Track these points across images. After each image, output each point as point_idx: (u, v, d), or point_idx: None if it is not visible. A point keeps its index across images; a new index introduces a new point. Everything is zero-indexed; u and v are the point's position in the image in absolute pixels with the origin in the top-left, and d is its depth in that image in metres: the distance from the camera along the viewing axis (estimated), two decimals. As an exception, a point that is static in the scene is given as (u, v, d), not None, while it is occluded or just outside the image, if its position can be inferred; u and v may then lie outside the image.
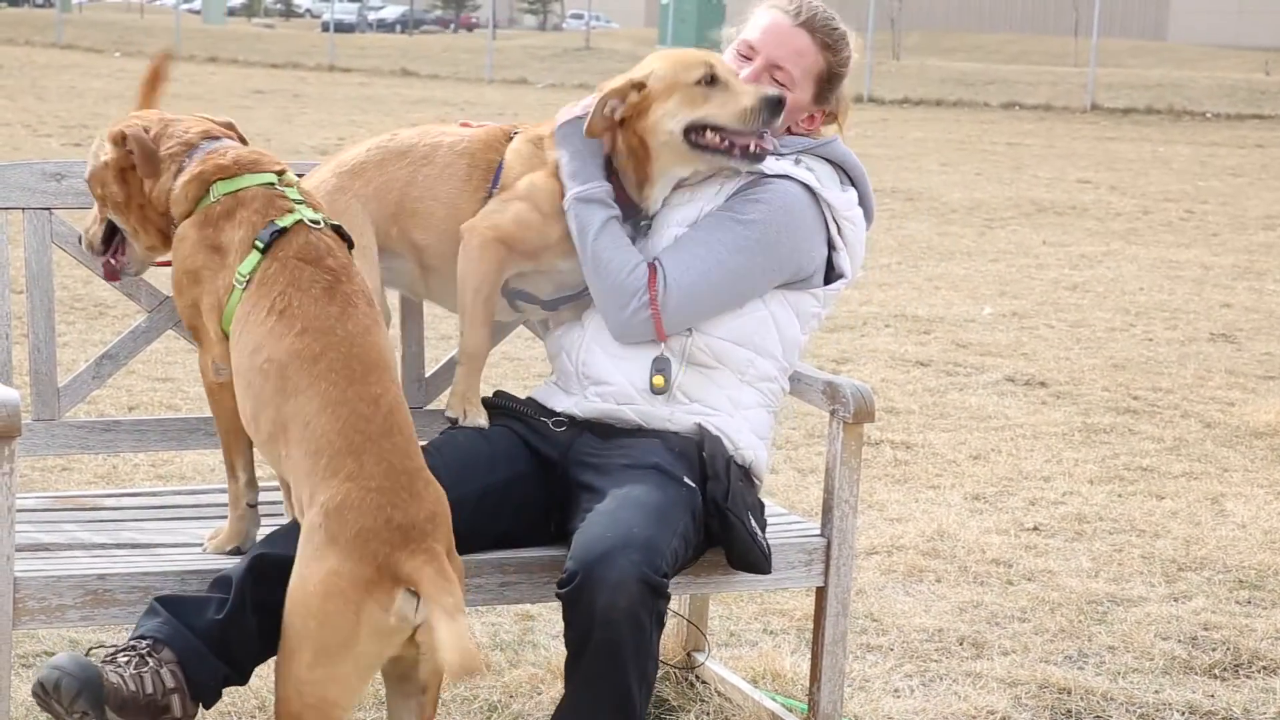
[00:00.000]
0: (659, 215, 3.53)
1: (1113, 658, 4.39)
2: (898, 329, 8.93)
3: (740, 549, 3.36)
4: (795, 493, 5.68)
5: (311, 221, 3.15)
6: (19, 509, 3.26)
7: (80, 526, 3.48)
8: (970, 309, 9.65)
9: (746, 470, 3.49)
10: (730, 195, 3.51)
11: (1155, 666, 4.34)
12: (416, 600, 2.86)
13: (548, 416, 3.52)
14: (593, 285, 3.45)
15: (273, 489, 3.45)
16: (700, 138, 3.43)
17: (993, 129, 24.33)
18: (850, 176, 3.63)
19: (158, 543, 3.39)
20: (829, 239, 3.56)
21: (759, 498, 3.53)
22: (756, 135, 3.42)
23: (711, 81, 3.42)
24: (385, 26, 64.69)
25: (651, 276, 3.41)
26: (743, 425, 3.49)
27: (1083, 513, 5.68)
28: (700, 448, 3.40)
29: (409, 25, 59.92)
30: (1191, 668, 4.35)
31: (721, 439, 3.44)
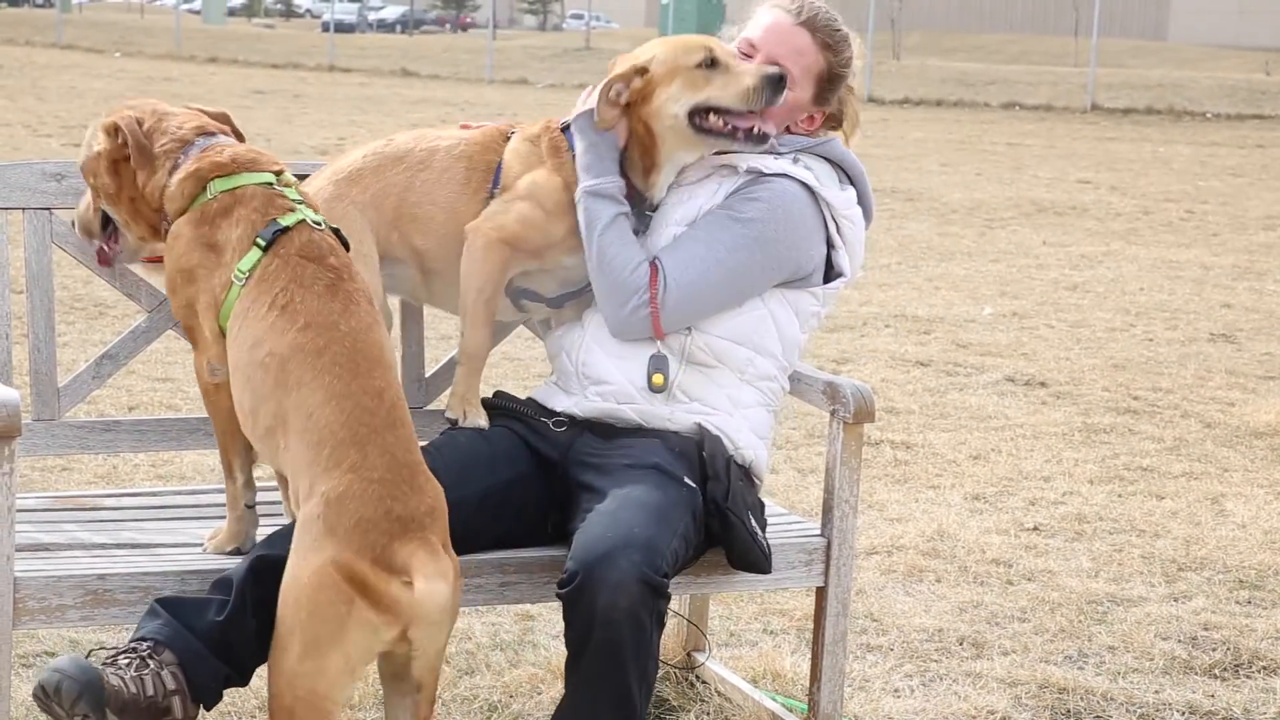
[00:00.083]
0: (657, 214, 3.53)
1: (1113, 658, 4.39)
2: (898, 329, 8.93)
3: (740, 549, 3.36)
4: (795, 493, 5.68)
5: (314, 222, 3.16)
6: (19, 509, 3.26)
7: (80, 526, 3.48)
8: (970, 309, 9.65)
9: (746, 470, 3.48)
10: (729, 194, 3.52)
11: (1155, 666, 4.34)
12: (410, 595, 2.87)
13: (548, 417, 3.52)
14: (595, 280, 3.46)
15: (271, 489, 3.45)
16: (704, 121, 3.44)
17: (993, 129, 24.33)
18: (849, 176, 3.63)
19: (158, 543, 3.39)
20: (828, 237, 3.56)
21: (759, 497, 3.53)
22: (759, 116, 3.43)
23: (712, 64, 3.44)
24: (385, 27, 64.70)
25: (653, 275, 3.41)
26: (742, 425, 3.49)
27: (1083, 513, 5.67)
28: (700, 447, 3.40)
29: (409, 25, 59.95)
30: (1191, 668, 4.35)
31: (721, 439, 3.44)
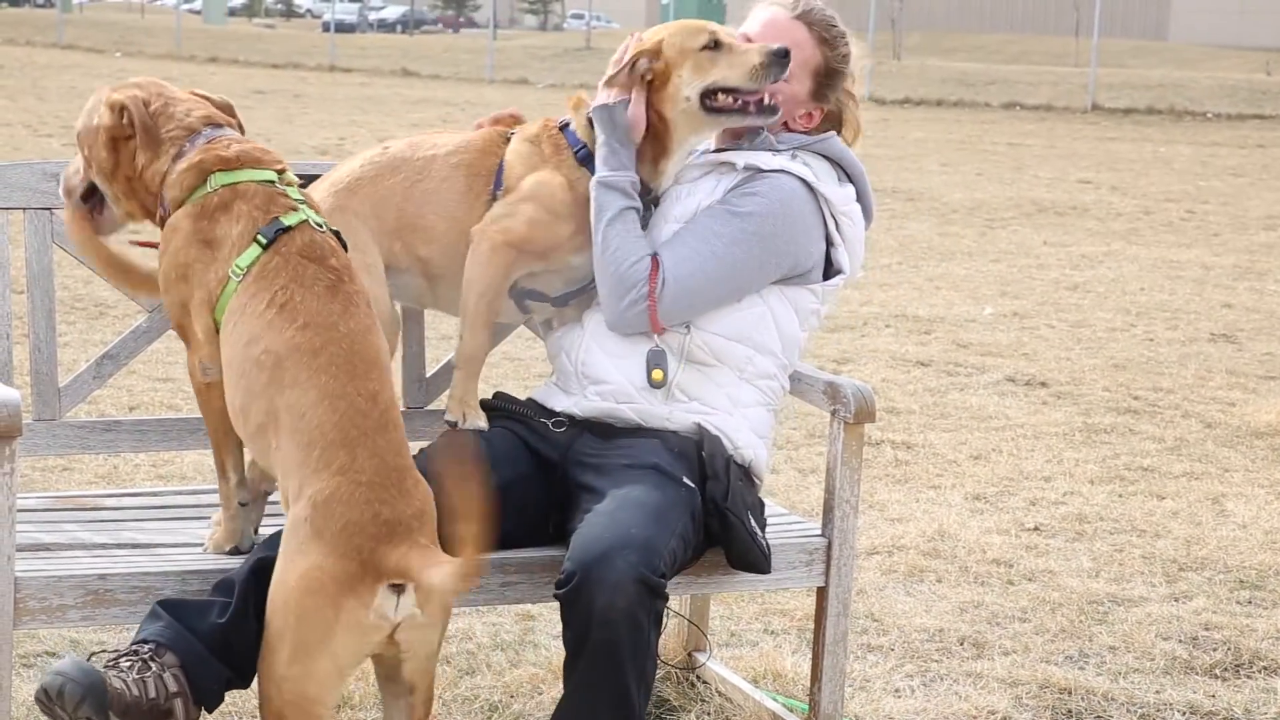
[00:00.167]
0: (657, 212, 3.53)
1: (1113, 658, 4.39)
2: (898, 329, 8.93)
3: (740, 549, 3.35)
4: (796, 493, 5.68)
5: (315, 224, 3.15)
6: (20, 509, 3.26)
7: (81, 526, 3.48)
8: (971, 309, 9.65)
9: (746, 469, 3.48)
10: (728, 190, 3.52)
11: (1156, 666, 4.34)
12: (397, 598, 2.86)
13: (547, 417, 3.52)
14: (597, 271, 3.46)
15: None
16: (714, 101, 3.46)
17: (993, 129, 24.33)
18: (848, 174, 3.63)
19: (158, 543, 3.39)
20: (826, 234, 3.56)
21: (759, 497, 3.53)
22: (767, 90, 3.46)
23: (717, 46, 3.47)
24: (386, 26, 64.70)
25: (653, 270, 3.41)
26: (742, 424, 3.49)
27: (1083, 513, 5.67)
28: (700, 447, 3.40)
29: (410, 25, 59.96)
30: (1192, 668, 4.35)
31: (721, 438, 3.44)
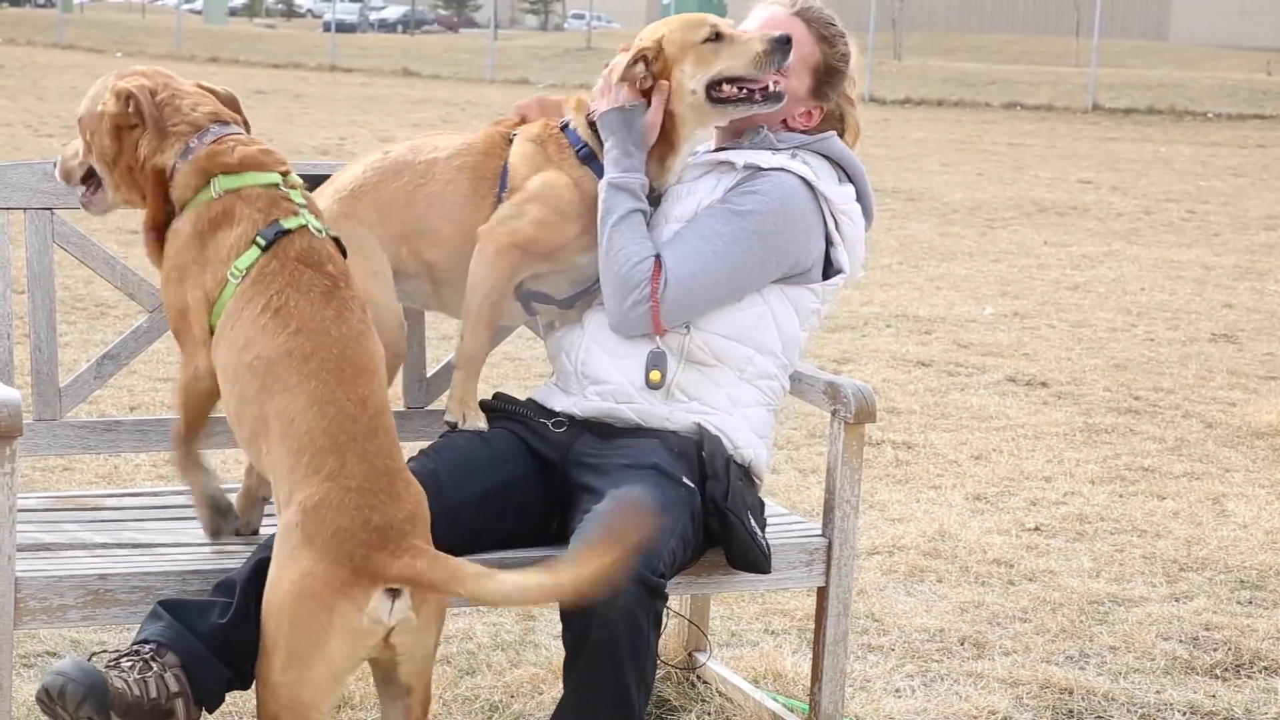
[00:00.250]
0: (657, 212, 3.53)
1: (1114, 658, 4.39)
2: (899, 329, 8.93)
3: (739, 549, 3.36)
4: (796, 493, 5.68)
5: (315, 229, 3.14)
6: (20, 509, 3.26)
7: (81, 526, 3.48)
8: (971, 309, 9.65)
9: (746, 469, 3.48)
10: (728, 189, 3.52)
11: (1157, 667, 4.34)
12: (391, 602, 2.86)
13: (547, 418, 3.52)
14: (602, 272, 3.46)
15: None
16: (719, 92, 3.47)
17: (994, 129, 24.33)
18: (848, 174, 3.63)
19: (159, 543, 3.39)
20: (826, 233, 3.56)
21: (759, 497, 3.53)
22: (772, 78, 3.47)
23: (718, 37, 3.48)
24: (387, 26, 64.71)
25: (655, 271, 3.41)
26: (742, 424, 3.49)
27: (1084, 513, 5.67)
28: (700, 447, 3.40)
29: (410, 25, 59.97)
30: (1193, 668, 4.35)
31: (721, 438, 3.44)
